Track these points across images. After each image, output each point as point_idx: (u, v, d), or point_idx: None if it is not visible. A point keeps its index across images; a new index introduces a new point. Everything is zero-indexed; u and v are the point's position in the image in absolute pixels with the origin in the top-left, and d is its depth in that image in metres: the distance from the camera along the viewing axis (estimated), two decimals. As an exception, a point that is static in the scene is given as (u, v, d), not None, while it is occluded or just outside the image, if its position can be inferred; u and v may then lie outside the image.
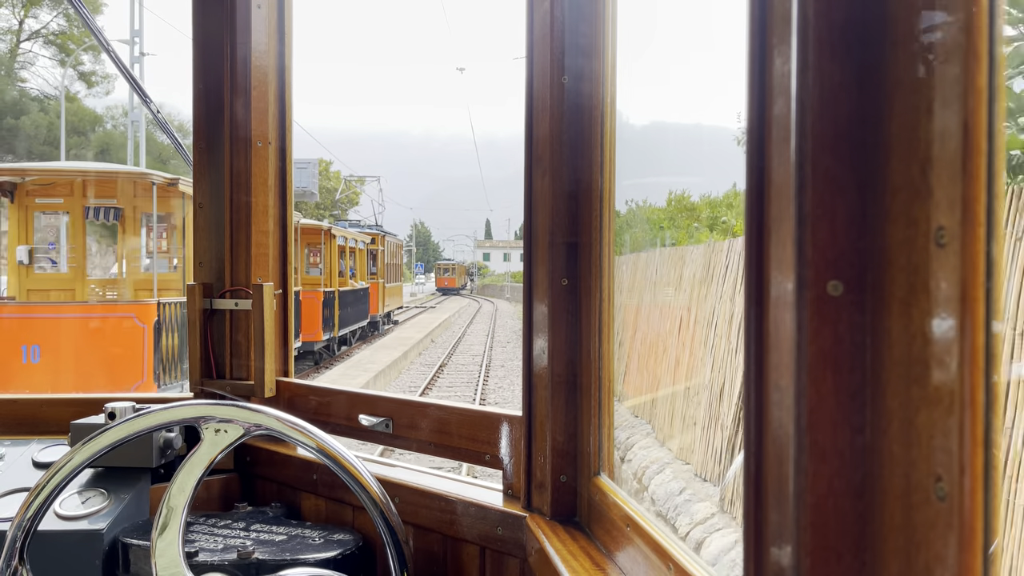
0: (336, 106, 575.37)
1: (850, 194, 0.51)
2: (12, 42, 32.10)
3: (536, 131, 1.37)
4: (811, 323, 0.51)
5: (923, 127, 0.49)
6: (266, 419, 1.21)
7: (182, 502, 1.20)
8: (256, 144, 2.03)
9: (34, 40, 33.21)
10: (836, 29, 0.51)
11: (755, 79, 0.56)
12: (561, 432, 1.37)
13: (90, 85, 33.25)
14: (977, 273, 0.46)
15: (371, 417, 1.77)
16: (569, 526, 1.35)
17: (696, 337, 7.79)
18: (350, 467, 1.21)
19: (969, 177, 0.47)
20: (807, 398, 0.51)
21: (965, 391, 0.46)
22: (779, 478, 0.54)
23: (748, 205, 0.57)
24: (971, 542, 0.47)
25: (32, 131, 30.78)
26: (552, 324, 1.36)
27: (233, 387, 2.03)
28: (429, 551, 1.58)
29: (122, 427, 1.18)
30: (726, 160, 12.84)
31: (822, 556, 0.52)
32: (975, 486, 0.46)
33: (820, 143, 0.51)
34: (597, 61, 1.33)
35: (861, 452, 0.51)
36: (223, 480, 1.98)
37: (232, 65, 2.01)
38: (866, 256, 0.51)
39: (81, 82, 33.58)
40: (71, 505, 1.64)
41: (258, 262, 2.05)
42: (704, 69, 55.16)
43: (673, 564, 0.99)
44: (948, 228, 0.47)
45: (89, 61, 33.00)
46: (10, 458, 1.85)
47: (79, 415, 1.85)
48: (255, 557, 1.52)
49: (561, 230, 1.35)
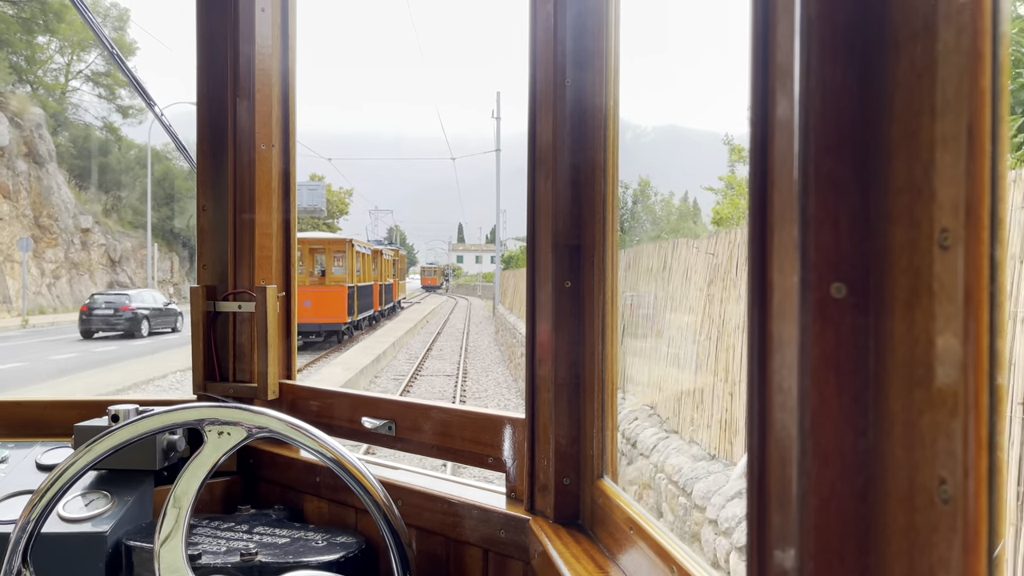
0: (307, 106, 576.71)
1: (853, 196, 0.51)
2: (63, 82, 39.40)
3: (539, 133, 1.37)
4: (814, 325, 0.51)
5: (926, 129, 0.49)
6: (269, 421, 1.21)
7: (185, 504, 1.20)
8: (260, 147, 2.03)
9: (77, 78, 41.68)
10: (839, 31, 0.51)
11: (758, 81, 0.56)
12: (564, 435, 1.37)
13: (126, 116, 43.03)
14: (981, 275, 0.46)
15: (374, 420, 1.77)
16: (572, 529, 1.35)
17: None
18: (353, 470, 1.21)
19: (972, 179, 0.46)
20: (810, 400, 0.51)
21: (969, 393, 0.46)
22: (782, 481, 0.54)
23: (751, 207, 0.57)
24: (975, 545, 0.46)
25: (116, 166, 40.79)
26: (555, 326, 1.36)
27: (236, 390, 2.03)
28: (432, 554, 1.58)
29: (125, 430, 1.18)
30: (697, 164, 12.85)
31: (825, 559, 0.51)
32: (979, 489, 0.46)
33: (823, 145, 0.51)
34: (600, 63, 1.33)
35: (864, 455, 0.51)
36: (226, 482, 1.98)
37: (235, 68, 2.02)
38: (869, 258, 0.51)
39: (118, 113, 43.95)
40: (74, 507, 1.65)
41: (261, 265, 2.05)
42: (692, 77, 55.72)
43: (676, 567, 0.99)
44: (951, 230, 0.47)
45: (127, 96, 42.52)
46: (14, 460, 1.86)
47: (82, 417, 1.86)
48: (258, 560, 1.52)
49: (564, 232, 1.35)
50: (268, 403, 2.00)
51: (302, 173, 24.21)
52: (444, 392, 15.67)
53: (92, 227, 36.51)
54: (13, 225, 30.78)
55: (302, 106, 2.18)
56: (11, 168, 30.69)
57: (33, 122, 32.89)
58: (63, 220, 34.12)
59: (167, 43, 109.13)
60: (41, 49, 39.83)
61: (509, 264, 50.82)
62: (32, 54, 39.35)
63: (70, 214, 34.94)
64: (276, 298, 2.03)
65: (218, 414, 1.21)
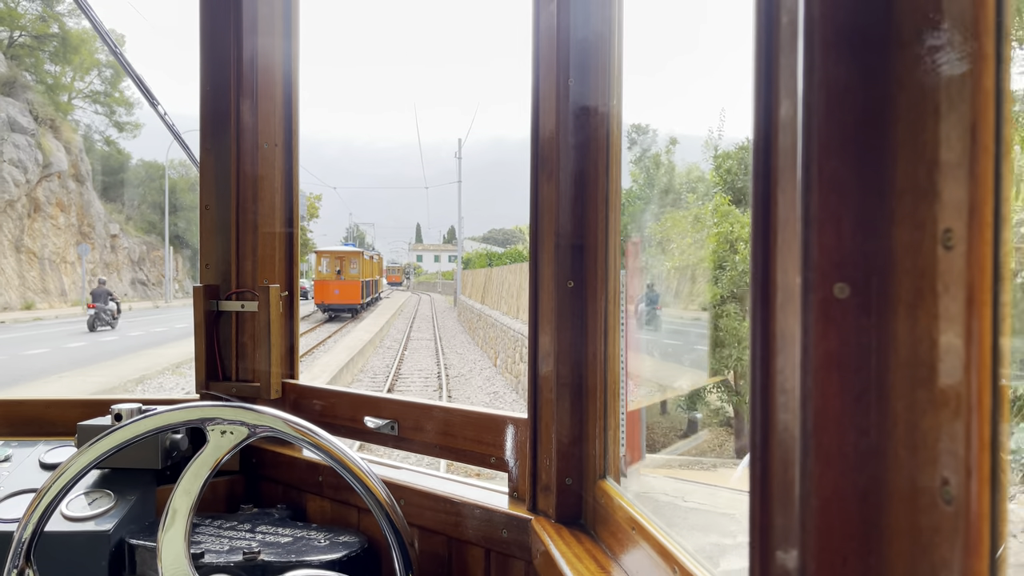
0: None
1: (856, 196, 0.51)
2: (67, 101, 45.00)
3: (541, 132, 1.37)
4: (817, 325, 0.51)
5: (929, 129, 0.49)
6: (272, 421, 1.21)
7: (188, 503, 1.20)
8: (263, 146, 2.03)
9: (78, 96, 47.58)
10: (842, 31, 0.51)
11: (761, 82, 0.56)
12: (566, 434, 1.37)
13: (121, 130, 49.45)
14: (984, 276, 0.46)
15: (376, 419, 1.77)
16: (574, 528, 1.35)
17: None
18: (356, 469, 1.21)
19: (976, 179, 0.46)
20: (813, 400, 0.51)
21: (972, 394, 0.46)
22: (785, 481, 0.54)
23: (754, 207, 0.57)
24: (978, 546, 0.46)
25: (133, 180, 49.21)
26: (557, 326, 1.36)
27: (239, 389, 2.04)
28: (434, 553, 1.58)
29: (128, 428, 1.18)
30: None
31: (828, 559, 0.51)
32: (982, 489, 0.46)
33: (826, 145, 0.51)
34: (603, 63, 1.33)
35: (867, 455, 0.51)
36: (229, 481, 1.98)
37: (239, 66, 2.02)
38: (872, 258, 0.51)
39: (114, 128, 50.33)
40: (78, 506, 1.65)
41: (264, 264, 2.05)
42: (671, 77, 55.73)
43: (678, 567, 0.99)
44: (955, 231, 0.47)
45: (124, 113, 49.56)
46: (17, 459, 1.86)
47: (85, 416, 1.86)
48: (261, 559, 1.53)
49: (566, 232, 1.35)
50: (271, 402, 2.00)
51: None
52: (428, 347, 24.01)
53: (118, 233, 44.92)
54: (66, 233, 39.41)
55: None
56: (65, 187, 39.26)
57: (77, 147, 41.13)
58: (98, 228, 42.60)
59: (171, 44, 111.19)
60: (58, 77, 45.37)
61: (468, 265, 57.54)
62: (57, 81, 45.21)
63: (102, 222, 43.27)
64: (279, 297, 2.03)
65: (221, 413, 1.21)
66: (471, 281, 44.16)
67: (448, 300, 58.76)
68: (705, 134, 10.68)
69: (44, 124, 38.09)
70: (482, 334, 25.42)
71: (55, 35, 43.10)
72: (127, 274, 45.38)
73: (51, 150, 37.41)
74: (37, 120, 37.31)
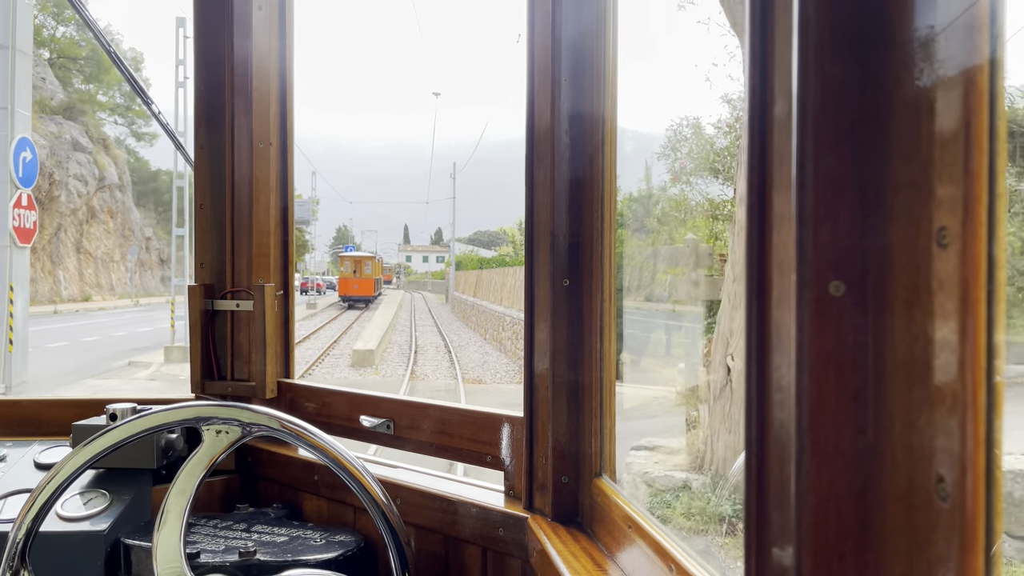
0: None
1: (852, 194, 0.51)
2: (97, 117, 49.67)
3: (536, 130, 1.37)
4: (812, 323, 0.51)
5: (925, 127, 0.49)
6: (266, 420, 1.21)
7: (183, 503, 1.20)
8: (257, 145, 2.03)
9: (100, 110, 52.02)
10: (837, 29, 0.51)
11: (756, 79, 0.56)
12: (563, 433, 1.37)
13: (138, 139, 54.94)
14: (979, 273, 0.46)
15: (372, 418, 1.77)
16: (571, 527, 1.35)
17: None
18: (351, 468, 1.21)
19: (971, 177, 0.46)
20: (808, 398, 0.51)
21: (967, 392, 0.46)
22: (781, 479, 0.54)
23: (750, 205, 0.57)
24: (973, 543, 0.46)
25: (162, 188, 53.11)
26: (553, 324, 1.36)
27: (234, 388, 2.03)
28: (431, 552, 1.58)
29: (123, 428, 1.18)
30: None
31: (824, 557, 0.51)
32: (977, 487, 0.46)
33: (821, 143, 0.51)
34: (598, 61, 1.33)
35: (863, 453, 0.51)
36: (224, 481, 1.98)
37: (233, 66, 2.02)
38: (868, 256, 0.51)
39: (132, 137, 55.89)
40: (73, 506, 1.64)
41: (259, 263, 2.05)
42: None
43: (674, 564, 0.99)
44: (950, 228, 0.47)
45: (143, 124, 54.61)
46: (12, 459, 1.85)
47: (80, 416, 1.86)
48: (257, 558, 1.52)
49: (562, 230, 1.35)
50: (266, 402, 1.99)
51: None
52: (432, 329, 30.95)
53: (152, 235, 52.32)
54: (114, 236, 46.69)
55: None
56: (113, 196, 46.19)
57: (122, 160, 48.20)
58: (136, 231, 49.81)
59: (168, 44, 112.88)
60: (92, 95, 50.48)
61: (460, 266, 62.46)
62: (92, 98, 50.08)
63: (139, 226, 50.39)
64: (274, 296, 2.03)
65: (216, 412, 1.20)
66: (464, 280, 52.81)
67: (439, 298, 66.37)
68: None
69: (98, 143, 44.58)
70: (474, 319, 33.82)
71: (89, 57, 47.90)
72: (158, 272, 53.46)
73: (104, 165, 44.07)
74: (92, 139, 43.53)
